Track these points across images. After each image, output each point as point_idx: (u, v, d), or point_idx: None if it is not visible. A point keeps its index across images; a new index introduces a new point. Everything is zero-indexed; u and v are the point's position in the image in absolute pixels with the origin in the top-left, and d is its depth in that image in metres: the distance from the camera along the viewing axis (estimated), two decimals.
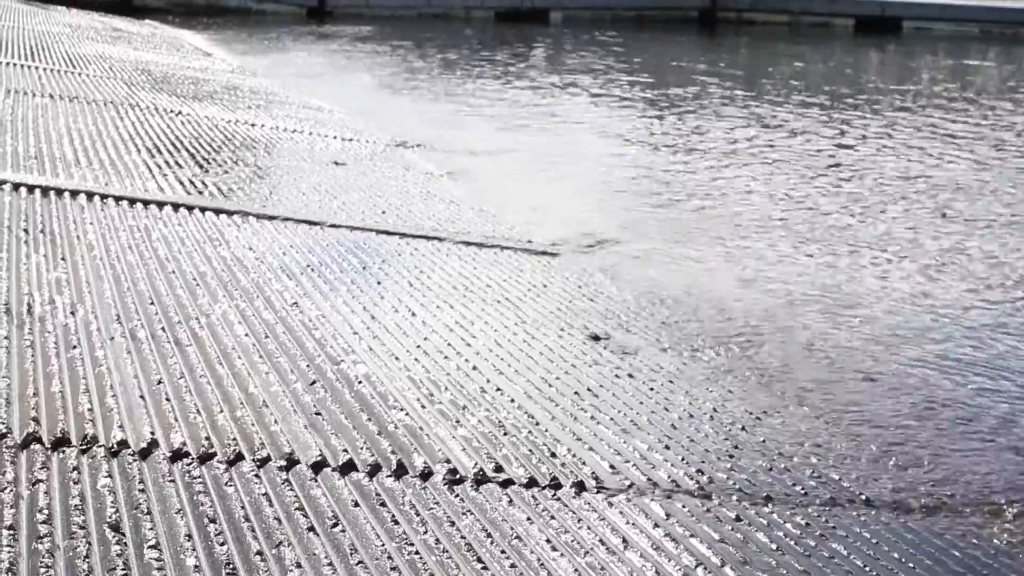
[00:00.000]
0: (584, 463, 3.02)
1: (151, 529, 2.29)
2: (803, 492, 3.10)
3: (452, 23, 22.74)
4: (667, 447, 3.24)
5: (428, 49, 16.86)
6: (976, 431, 3.77)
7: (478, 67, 14.88)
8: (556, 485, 2.86)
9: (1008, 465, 3.53)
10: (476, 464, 2.88)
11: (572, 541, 2.56)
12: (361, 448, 2.86)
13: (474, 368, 3.64)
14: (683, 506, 2.85)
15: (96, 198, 5.15)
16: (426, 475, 2.79)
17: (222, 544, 2.28)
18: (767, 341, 4.53)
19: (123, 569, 2.13)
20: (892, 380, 4.20)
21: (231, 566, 2.21)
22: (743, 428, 3.50)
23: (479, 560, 2.39)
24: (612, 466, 3.03)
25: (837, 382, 4.13)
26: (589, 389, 3.62)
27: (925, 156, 9.38)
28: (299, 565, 2.25)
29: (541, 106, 11.65)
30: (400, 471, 2.78)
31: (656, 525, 2.71)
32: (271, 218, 5.38)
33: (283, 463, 2.70)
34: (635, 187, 7.76)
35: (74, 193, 5.15)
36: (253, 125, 8.38)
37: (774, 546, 2.70)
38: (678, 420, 3.48)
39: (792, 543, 2.73)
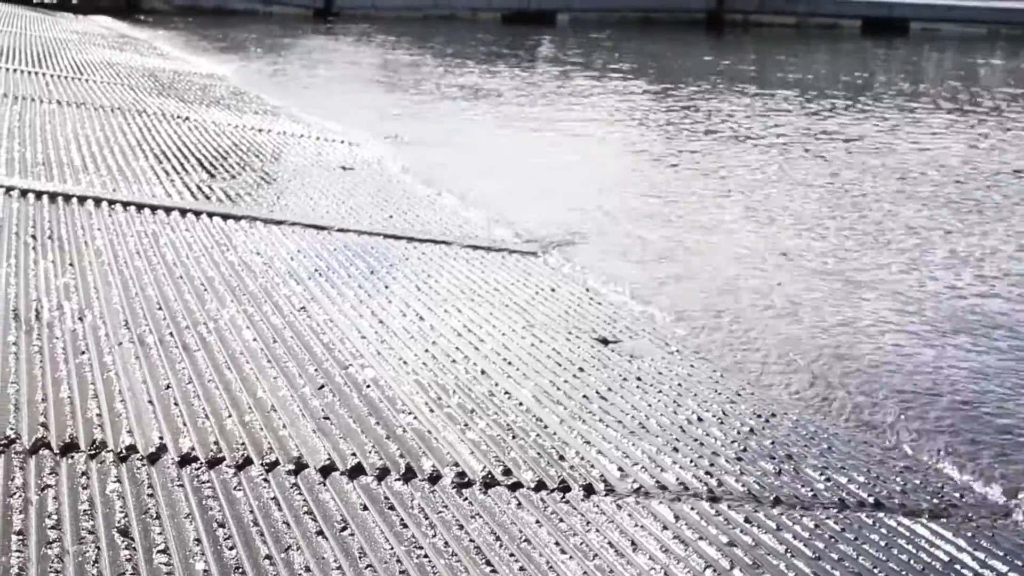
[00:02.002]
0: (593, 466, 3.02)
1: (160, 534, 2.29)
2: (812, 494, 3.09)
3: (458, 24, 22.74)
4: (676, 450, 3.23)
5: (431, 50, 16.86)
6: (989, 431, 3.76)
7: (480, 67, 14.88)
8: (565, 488, 2.86)
9: (1019, 466, 3.52)
10: (485, 468, 2.88)
11: (581, 544, 2.55)
12: (369, 452, 2.86)
13: (482, 372, 3.64)
14: (692, 509, 2.85)
15: (104, 204, 5.16)
16: (435, 479, 2.79)
17: (231, 548, 2.28)
18: (772, 340, 4.52)
19: (132, 574, 2.13)
20: (900, 379, 4.18)
21: (240, 570, 2.21)
22: (751, 430, 3.49)
23: (488, 563, 2.39)
24: (621, 469, 3.03)
25: (845, 382, 4.12)
26: (597, 392, 3.62)
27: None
28: (308, 569, 2.25)
29: (541, 104, 11.65)
30: (409, 475, 2.78)
31: (665, 528, 2.71)
32: (279, 223, 5.39)
33: (292, 467, 2.71)
34: (630, 186, 7.75)
35: (82, 199, 5.16)
36: (260, 130, 8.40)
37: (783, 549, 2.69)
38: (686, 423, 3.47)
39: (802, 546, 2.73)
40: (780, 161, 8.89)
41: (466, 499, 2.70)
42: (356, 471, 2.75)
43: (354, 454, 2.82)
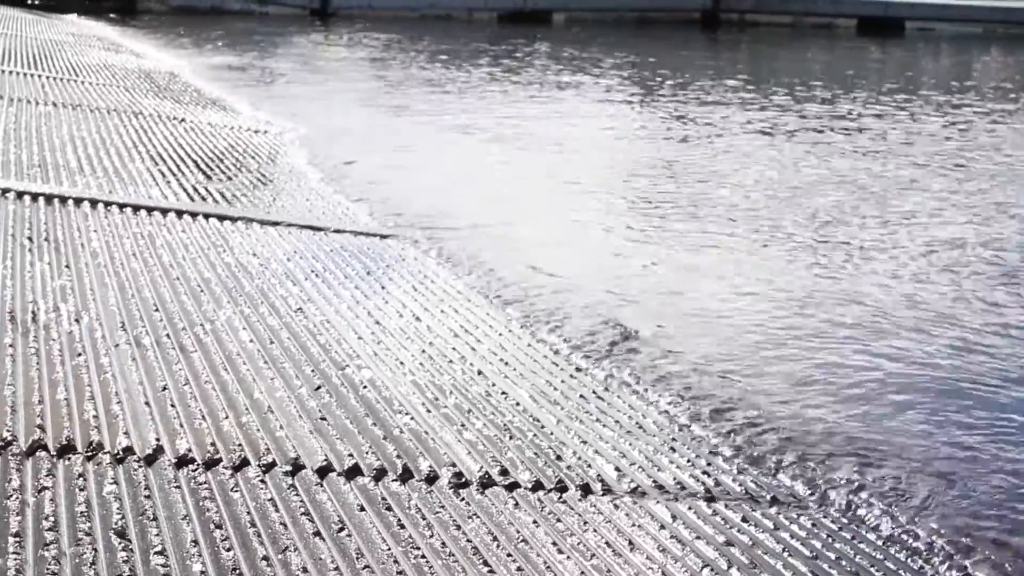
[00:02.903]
0: (590, 466, 3.02)
1: (157, 535, 2.29)
2: (810, 493, 3.10)
3: (454, 24, 22.74)
4: (673, 450, 3.24)
5: (426, 50, 16.82)
6: (980, 443, 3.76)
7: (475, 69, 14.85)
8: (562, 488, 2.86)
9: (996, 475, 3.50)
10: (482, 468, 2.88)
11: (578, 544, 2.55)
12: (366, 453, 2.86)
13: (479, 372, 3.64)
14: (689, 508, 2.85)
15: (100, 205, 5.16)
16: (432, 479, 2.79)
17: (228, 550, 2.28)
18: (765, 342, 4.53)
19: (129, 575, 2.13)
20: (893, 384, 4.19)
21: (237, 571, 2.21)
22: (749, 431, 3.50)
23: (485, 563, 2.39)
24: (618, 469, 3.03)
25: (838, 385, 4.12)
26: (594, 392, 3.62)
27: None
28: (305, 570, 2.25)
29: (538, 104, 11.62)
30: (406, 475, 2.78)
31: (662, 527, 2.71)
32: (275, 224, 5.39)
33: (288, 468, 2.70)
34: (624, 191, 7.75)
35: (78, 201, 5.15)
36: (256, 131, 8.40)
37: (780, 548, 2.69)
38: (684, 423, 3.47)
39: (798, 545, 2.73)
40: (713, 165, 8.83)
41: (463, 499, 2.70)
42: (353, 472, 2.75)
43: (351, 455, 2.82)
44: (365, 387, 3.34)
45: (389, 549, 2.39)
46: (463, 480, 2.80)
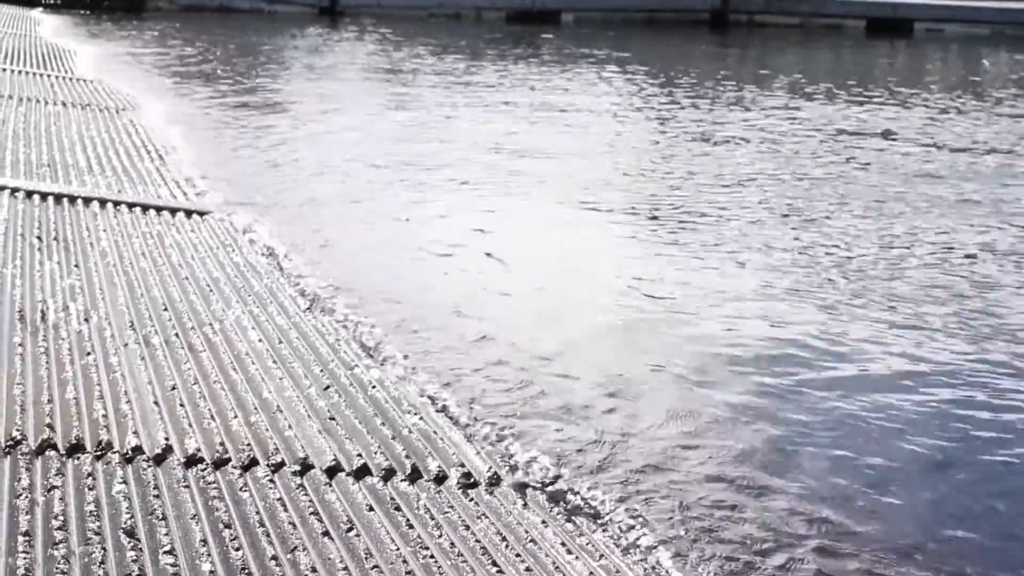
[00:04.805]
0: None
1: (166, 535, 2.29)
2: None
3: (463, 23, 22.75)
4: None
5: (426, 47, 16.77)
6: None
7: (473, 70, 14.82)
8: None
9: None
10: (490, 468, 2.88)
11: (587, 544, 2.55)
12: (375, 453, 2.86)
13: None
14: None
15: (109, 205, 5.17)
16: (440, 479, 2.78)
17: (237, 549, 2.28)
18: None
19: (139, 574, 2.13)
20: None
21: (246, 571, 2.21)
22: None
23: (494, 563, 2.39)
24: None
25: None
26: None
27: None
28: (314, 570, 2.25)
29: (541, 99, 11.56)
30: (414, 475, 2.78)
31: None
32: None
33: (297, 468, 2.70)
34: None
35: (87, 200, 5.16)
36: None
37: None
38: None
39: None
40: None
41: (472, 499, 2.70)
42: (362, 472, 2.74)
43: (360, 455, 2.82)
44: (374, 387, 3.33)
45: (398, 549, 2.39)
46: (472, 480, 2.80)
